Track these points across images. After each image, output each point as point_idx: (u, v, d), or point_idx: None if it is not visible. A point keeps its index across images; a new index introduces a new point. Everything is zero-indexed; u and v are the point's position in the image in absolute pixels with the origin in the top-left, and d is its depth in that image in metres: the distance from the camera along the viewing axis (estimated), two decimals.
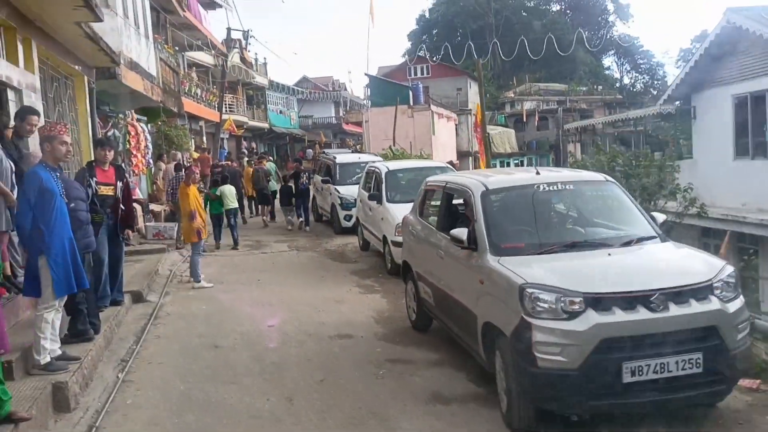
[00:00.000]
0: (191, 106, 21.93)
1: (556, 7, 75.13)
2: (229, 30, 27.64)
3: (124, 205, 7.44)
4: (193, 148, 21.41)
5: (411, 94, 34.16)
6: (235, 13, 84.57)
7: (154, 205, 14.90)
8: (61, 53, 9.10)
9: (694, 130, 15.50)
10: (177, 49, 20.92)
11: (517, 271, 4.44)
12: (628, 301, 4.12)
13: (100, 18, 7.82)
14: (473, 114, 45.18)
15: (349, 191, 14.46)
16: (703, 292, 4.24)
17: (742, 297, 4.44)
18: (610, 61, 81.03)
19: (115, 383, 5.63)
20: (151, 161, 15.26)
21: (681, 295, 4.18)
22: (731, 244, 8.19)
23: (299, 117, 47.79)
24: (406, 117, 28.90)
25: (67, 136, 5.06)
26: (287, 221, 15.83)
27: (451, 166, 13.06)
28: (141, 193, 14.85)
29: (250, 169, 21.05)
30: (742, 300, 4.41)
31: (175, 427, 4.82)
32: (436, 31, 68.70)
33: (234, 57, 30.50)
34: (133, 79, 12.78)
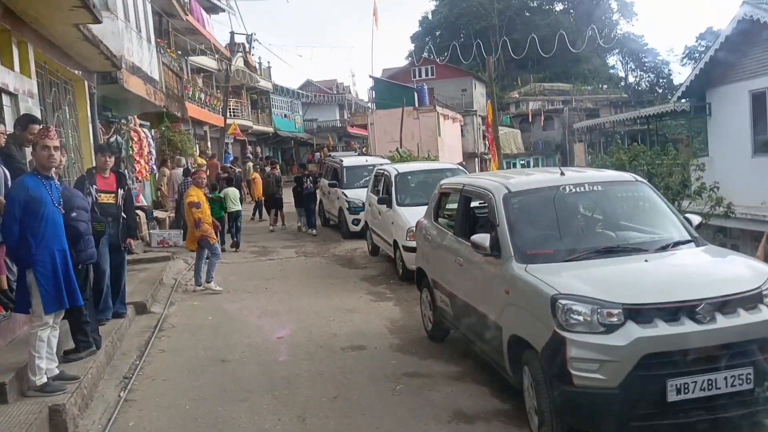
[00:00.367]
0: (195, 111, 21.69)
1: (560, 6, 74.82)
2: (232, 34, 27.42)
3: (125, 214, 7.14)
4: (197, 153, 21.15)
5: (416, 95, 33.86)
6: (239, 17, 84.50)
7: (158, 212, 14.63)
8: (59, 57, 8.83)
9: (709, 128, 15.13)
10: (180, 53, 20.66)
11: (547, 280, 4.10)
12: (672, 312, 3.78)
13: (98, 19, 7.54)
14: (479, 115, 45.03)
15: (356, 195, 14.17)
16: (751, 301, 3.90)
17: None
18: (614, 59, 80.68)
19: (117, 403, 5.31)
20: (154, 167, 15.01)
21: (728, 305, 3.83)
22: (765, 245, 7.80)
23: (304, 121, 47.55)
24: (411, 119, 28.59)
25: (50, 140, 4.75)
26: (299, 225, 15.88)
27: (463, 167, 12.74)
28: (145, 200, 14.60)
29: (256, 174, 20.84)
30: None
31: None
32: (439, 32, 68.54)
33: (238, 61, 30.26)
34: (135, 84, 12.52)
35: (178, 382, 5.84)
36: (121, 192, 7.07)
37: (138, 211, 12.22)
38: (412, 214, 9.71)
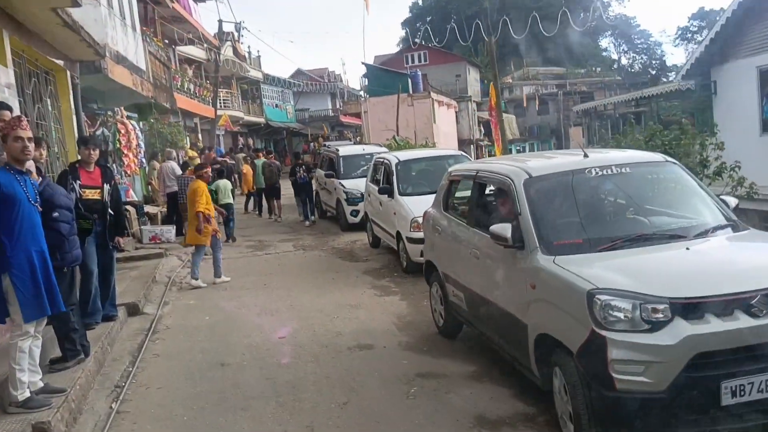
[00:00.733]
0: (185, 102, 21.13)
1: None
2: (220, 22, 26.84)
3: (112, 210, 6.69)
4: (188, 145, 20.62)
5: (410, 82, 33.34)
6: (227, 4, 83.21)
7: (149, 207, 14.15)
8: (38, 45, 8.32)
9: (715, 106, 14.72)
10: (167, 42, 20.08)
11: (580, 273, 3.69)
12: (724, 305, 3.39)
13: (77, 2, 7.03)
14: (473, 101, 44.51)
15: (354, 185, 13.76)
16: None
17: None
18: (607, 42, 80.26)
19: (109, 415, 4.89)
20: (144, 160, 14.50)
21: None
22: None
23: (295, 110, 46.91)
24: (406, 106, 28.10)
25: (23, 131, 4.29)
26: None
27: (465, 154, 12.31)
28: (135, 195, 14.11)
29: (247, 165, 20.46)
30: None
31: None
32: (430, 18, 67.71)
33: (227, 50, 29.63)
34: (120, 74, 12.01)
35: (175, 389, 5.42)
36: (107, 187, 6.62)
37: (128, 207, 11.78)
38: (415, 204, 9.31)
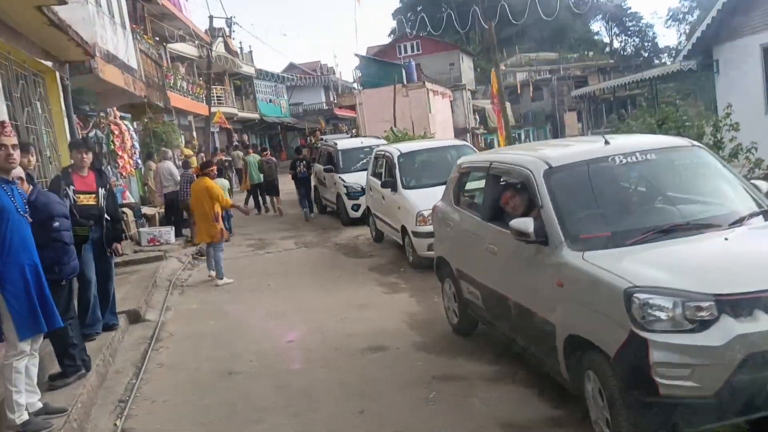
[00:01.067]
0: (178, 100, 20.77)
1: None
2: (211, 18, 26.30)
3: (109, 215, 6.43)
4: (183, 144, 20.30)
5: (404, 72, 32.97)
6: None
7: (146, 208, 13.87)
8: (25, 46, 8.00)
9: (717, 86, 14.46)
10: (158, 39, 19.71)
11: (614, 269, 3.45)
12: None
13: (63, 0, 6.72)
14: (468, 89, 44.17)
15: (354, 179, 13.51)
16: None
17: None
18: (598, 26, 79.94)
19: None
20: (139, 161, 14.20)
21: None
22: None
23: (289, 105, 46.49)
24: (401, 96, 27.75)
25: (6, 137, 4.01)
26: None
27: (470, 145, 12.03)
28: (131, 197, 13.83)
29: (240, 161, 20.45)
30: None
31: None
32: (420, 7, 67.11)
33: (218, 46, 29.22)
34: (111, 73, 11.68)
35: (182, 403, 5.18)
36: (102, 191, 6.36)
37: (125, 209, 11.50)
38: (420, 197, 9.07)
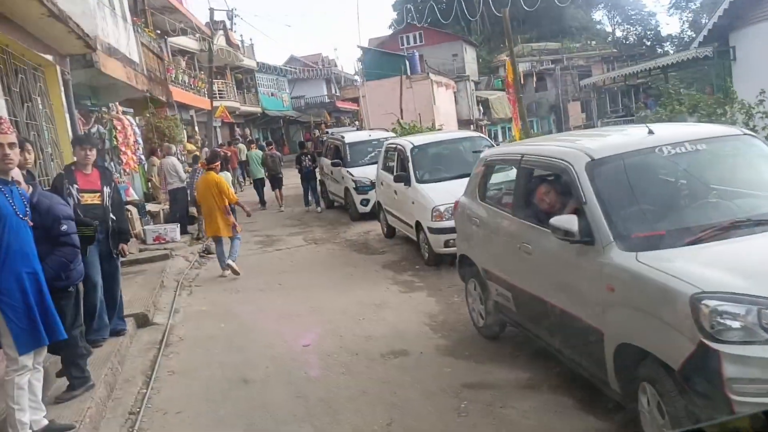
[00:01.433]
0: (180, 95, 20.44)
1: None
2: (212, 11, 26.03)
3: (114, 214, 6.12)
4: (185, 139, 19.97)
5: (407, 63, 32.59)
6: None
7: (151, 205, 13.55)
8: (23, 39, 7.67)
9: (734, 73, 14.08)
10: (159, 32, 19.35)
11: (676, 273, 3.12)
12: None
13: None
14: (471, 80, 43.68)
15: (363, 173, 13.20)
16: None
17: None
18: (600, 14, 79.23)
19: None
20: (142, 157, 13.87)
21: None
22: None
23: (291, 98, 46.09)
24: (404, 88, 27.43)
25: (1, 135, 3.69)
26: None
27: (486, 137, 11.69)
28: (135, 194, 13.50)
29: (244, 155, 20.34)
30: None
31: None
32: None
33: (219, 40, 28.84)
34: (113, 67, 11.35)
35: (196, 414, 4.87)
36: (107, 190, 6.05)
37: (129, 207, 11.18)
38: (435, 192, 8.75)
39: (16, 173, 4.01)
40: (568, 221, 3.77)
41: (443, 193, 8.63)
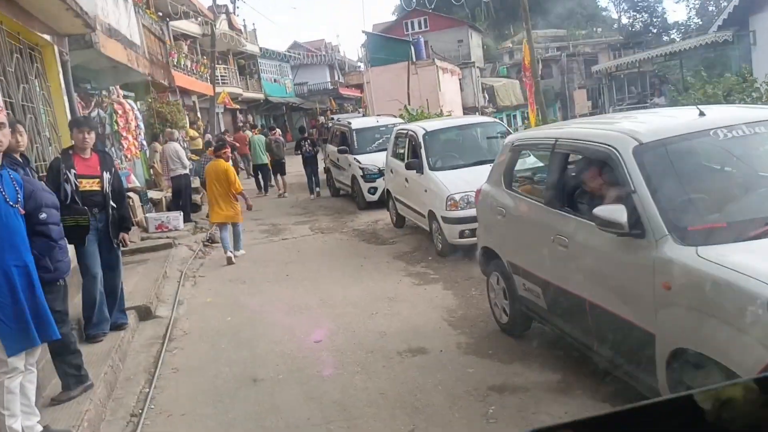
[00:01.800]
0: (182, 80, 20.01)
1: None
2: None
3: (114, 202, 5.76)
4: (188, 125, 19.57)
5: (413, 49, 32.03)
6: None
7: (153, 192, 13.19)
8: (18, 17, 7.28)
9: (754, 58, 13.63)
10: (161, 15, 18.89)
11: (747, 270, 2.76)
12: None
13: None
14: (476, 67, 43.10)
15: (370, 160, 12.84)
16: None
17: None
18: (606, 1, 78.54)
19: None
20: (144, 143, 13.49)
21: None
22: None
23: (294, 85, 45.56)
24: (410, 74, 26.98)
25: None
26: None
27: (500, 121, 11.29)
28: (137, 180, 13.14)
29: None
30: None
31: None
32: None
33: (221, 24, 28.32)
34: (113, 49, 10.94)
35: (202, 417, 4.54)
36: (107, 175, 5.69)
37: (130, 194, 10.83)
38: (450, 179, 8.38)
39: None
40: (616, 212, 3.41)
41: (458, 181, 8.28)
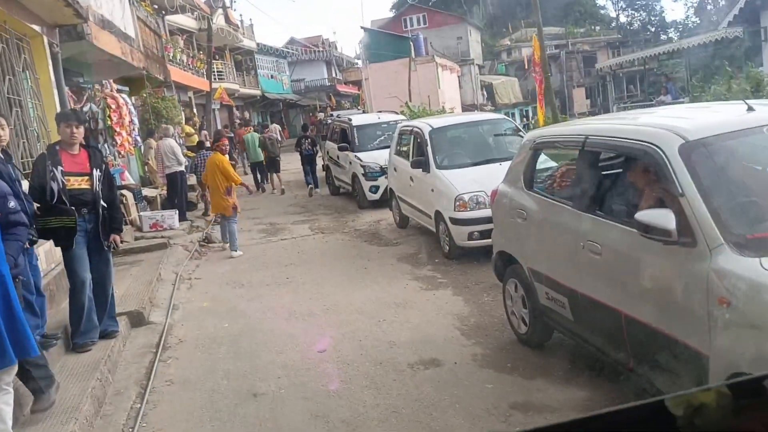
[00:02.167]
0: (178, 74, 19.60)
1: None
2: None
3: (105, 201, 5.38)
4: (183, 121, 19.15)
5: (412, 45, 31.67)
6: None
7: (147, 190, 12.80)
8: (4, 4, 6.89)
9: (765, 55, 13.31)
10: (156, 8, 18.46)
11: None
12: None
13: None
14: (476, 64, 42.75)
15: (371, 158, 12.50)
16: None
17: None
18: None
19: None
20: (138, 139, 13.10)
21: None
22: None
23: (291, 81, 45.11)
24: (410, 71, 26.62)
25: None
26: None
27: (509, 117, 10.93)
28: (131, 178, 12.75)
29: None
30: None
31: None
32: None
33: (218, 18, 27.90)
34: (106, 41, 10.52)
35: None
36: (96, 173, 5.30)
37: (124, 191, 10.46)
38: (458, 179, 8.03)
39: None
40: (662, 217, 3.05)
41: (467, 180, 7.93)
